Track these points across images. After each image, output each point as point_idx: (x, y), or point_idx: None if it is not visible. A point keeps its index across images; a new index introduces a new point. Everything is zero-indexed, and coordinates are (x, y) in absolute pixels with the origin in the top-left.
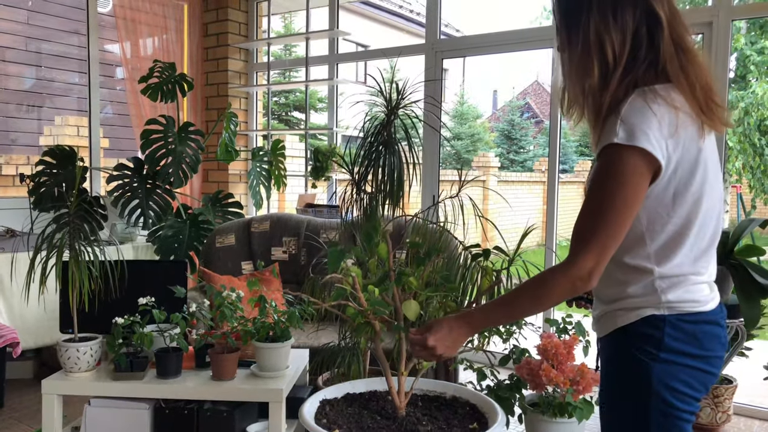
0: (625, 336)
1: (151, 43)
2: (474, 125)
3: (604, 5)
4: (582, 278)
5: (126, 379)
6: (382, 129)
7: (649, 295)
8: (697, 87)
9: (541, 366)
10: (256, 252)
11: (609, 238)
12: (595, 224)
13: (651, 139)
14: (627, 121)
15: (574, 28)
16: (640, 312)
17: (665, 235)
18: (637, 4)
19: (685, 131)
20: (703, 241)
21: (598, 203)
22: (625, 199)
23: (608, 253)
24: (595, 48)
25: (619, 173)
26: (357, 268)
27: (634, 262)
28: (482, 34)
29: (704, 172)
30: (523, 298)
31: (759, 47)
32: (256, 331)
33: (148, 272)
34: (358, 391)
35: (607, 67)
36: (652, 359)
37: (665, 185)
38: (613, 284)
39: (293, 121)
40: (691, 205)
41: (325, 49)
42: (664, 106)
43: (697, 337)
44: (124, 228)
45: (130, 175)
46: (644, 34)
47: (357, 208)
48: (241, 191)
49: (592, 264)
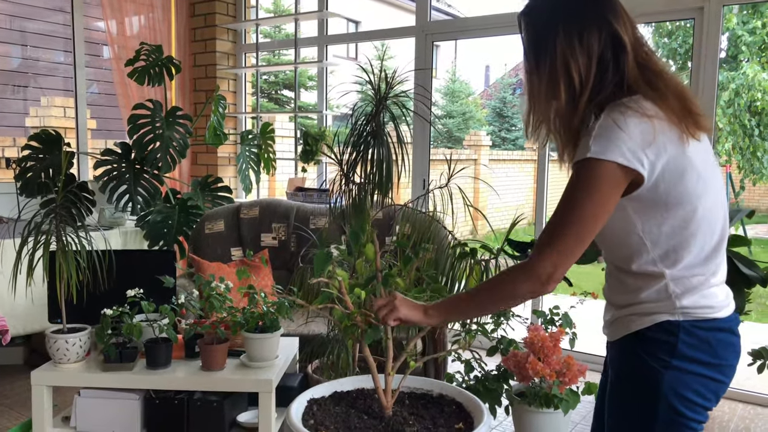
0: (638, 341)
1: (138, 21)
2: (466, 102)
3: (570, 30)
4: (540, 280)
5: (115, 370)
6: (370, 119)
7: (664, 301)
8: (669, 95)
9: (528, 359)
10: (245, 238)
11: (570, 246)
12: (559, 231)
13: (624, 151)
14: (599, 138)
15: (542, 52)
16: (654, 317)
17: (665, 237)
18: (602, 29)
19: (663, 135)
20: (712, 240)
21: (564, 212)
22: (592, 209)
23: (568, 259)
24: (562, 71)
25: (587, 185)
26: (344, 272)
27: (641, 268)
28: (475, 17)
29: (696, 172)
30: (482, 296)
31: (750, 27)
32: (246, 322)
33: (137, 262)
34: (345, 389)
35: (574, 90)
36: (663, 366)
37: (652, 188)
38: (626, 291)
39: (283, 100)
40: (687, 205)
41: (315, 26)
42: (635, 117)
43: (711, 344)
44: (113, 213)
45: (117, 159)
46: (610, 58)
47: (346, 198)
48: (230, 174)
49: (551, 268)
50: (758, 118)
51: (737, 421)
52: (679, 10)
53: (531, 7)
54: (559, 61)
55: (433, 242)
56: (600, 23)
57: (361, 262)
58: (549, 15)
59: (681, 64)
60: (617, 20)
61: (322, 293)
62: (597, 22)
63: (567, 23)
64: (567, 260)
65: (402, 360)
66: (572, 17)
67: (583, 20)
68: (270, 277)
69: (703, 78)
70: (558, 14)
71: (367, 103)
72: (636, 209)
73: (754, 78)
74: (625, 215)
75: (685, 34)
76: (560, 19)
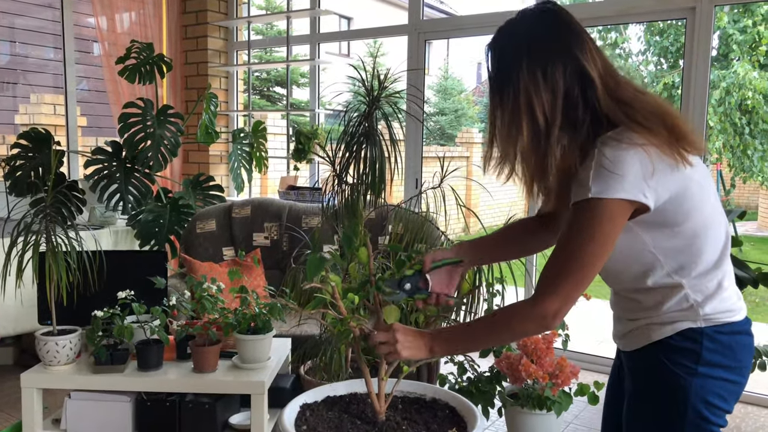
0: (661, 349)
1: (128, 18)
2: (458, 99)
3: (533, 65)
4: (545, 318)
5: (106, 372)
6: (363, 120)
7: (686, 310)
8: (653, 125)
9: (521, 360)
10: (237, 238)
11: (575, 285)
12: (564, 274)
13: (626, 186)
14: (598, 177)
15: (505, 86)
16: (676, 325)
17: (677, 250)
18: (567, 64)
19: (661, 162)
20: (719, 243)
21: (566, 254)
22: (595, 249)
23: (574, 298)
24: (525, 108)
25: (590, 225)
26: (337, 276)
27: (658, 282)
28: (468, 15)
29: (697, 183)
30: (486, 332)
31: (741, 26)
32: (238, 323)
33: (128, 262)
34: (338, 393)
35: (538, 128)
36: (689, 374)
37: (660, 212)
38: (643, 307)
39: (275, 97)
40: (694, 217)
41: (307, 24)
42: (629, 149)
43: (733, 348)
44: (104, 212)
45: (108, 158)
46: (578, 95)
47: (338, 199)
48: (222, 173)
49: (557, 307)
50: (748, 116)
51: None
52: (672, 10)
53: (496, 39)
54: (522, 98)
55: (426, 242)
56: (565, 58)
57: (354, 266)
58: (513, 49)
59: (672, 62)
60: (583, 54)
61: (315, 298)
62: (562, 56)
63: (531, 58)
64: (572, 300)
65: (396, 364)
66: (536, 51)
67: (547, 55)
68: (262, 277)
69: (695, 77)
70: (522, 48)
71: (360, 102)
72: (645, 229)
73: (745, 77)
74: (633, 235)
75: (677, 33)
76: (524, 53)
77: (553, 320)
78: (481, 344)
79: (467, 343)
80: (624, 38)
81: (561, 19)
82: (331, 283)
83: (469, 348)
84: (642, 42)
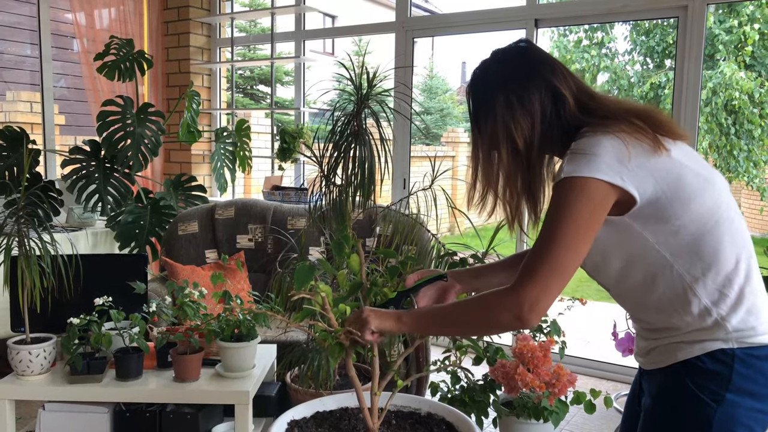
0: (686, 371)
1: (108, 14)
2: (443, 99)
3: (510, 95)
4: (521, 308)
5: (83, 382)
6: (351, 119)
7: (713, 328)
8: (626, 114)
9: (517, 369)
10: (220, 240)
11: (552, 270)
12: (541, 257)
13: (601, 167)
14: (572, 160)
15: (484, 120)
16: (705, 345)
17: (687, 250)
18: (541, 89)
19: (638, 145)
20: (736, 244)
21: (544, 239)
22: (570, 231)
23: (552, 287)
24: (503, 136)
25: (564, 205)
26: (327, 287)
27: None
28: (456, 13)
29: (693, 171)
30: (458, 314)
31: (727, 26)
32: (221, 330)
33: (106, 267)
34: (328, 408)
35: (518, 153)
36: (715, 401)
37: (653, 200)
38: (662, 322)
39: (258, 95)
40: (698, 208)
41: (292, 21)
42: (602, 135)
43: (766, 374)
44: (82, 213)
45: (86, 158)
46: (552, 113)
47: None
48: (204, 172)
49: (534, 295)
50: (734, 116)
51: None
52: (664, 9)
53: (473, 80)
54: (500, 125)
55: (416, 245)
56: (539, 84)
57: (343, 274)
58: (490, 84)
59: (658, 62)
60: (556, 77)
61: (303, 309)
62: (536, 83)
63: (507, 89)
64: (550, 289)
65: (389, 378)
66: (512, 84)
67: (523, 85)
68: (246, 281)
69: (686, 76)
70: (498, 83)
71: (347, 101)
72: (643, 224)
73: (731, 77)
74: (632, 233)
75: (663, 33)
76: (500, 87)
77: (530, 312)
78: (451, 327)
79: (437, 323)
80: (611, 38)
81: (534, 53)
82: (321, 293)
83: (439, 329)
84: (628, 42)
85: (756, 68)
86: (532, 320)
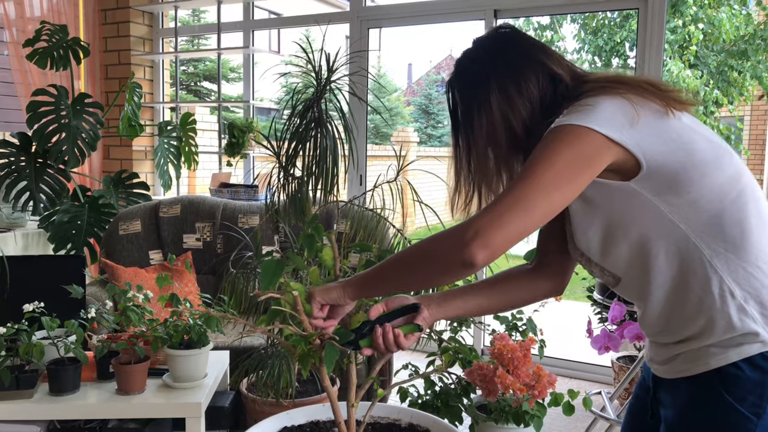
0: (720, 380)
1: (39, 2)
2: (391, 99)
3: (504, 83)
4: (464, 233)
5: (11, 399)
6: (312, 104)
7: (750, 326)
8: (625, 78)
9: (496, 372)
10: (165, 240)
11: (517, 206)
12: (508, 190)
13: (600, 119)
14: (569, 113)
15: (476, 116)
16: (744, 349)
17: (707, 224)
18: (538, 72)
19: (645, 106)
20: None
21: (520, 176)
22: (548, 177)
23: (511, 220)
24: (501, 126)
25: (550, 148)
26: (299, 284)
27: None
28: (413, 2)
29: (705, 137)
30: (403, 258)
31: (672, 26)
32: (169, 336)
33: (38, 269)
34: (297, 422)
35: (517, 138)
36: (755, 414)
37: (663, 164)
38: (688, 321)
39: (203, 92)
40: (715, 177)
41: (237, 15)
42: (606, 95)
43: None
44: (11, 213)
45: (15, 153)
46: (551, 97)
47: (284, 193)
48: (147, 170)
49: (486, 221)
50: None
51: None
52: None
53: (457, 72)
54: (498, 118)
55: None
56: (536, 68)
57: (315, 270)
58: (479, 74)
59: (606, 61)
60: (550, 59)
61: (270, 310)
62: (533, 68)
63: (500, 77)
64: (503, 226)
65: (366, 388)
66: (505, 70)
67: (517, 70)
68: (194, 283)
69: (647, 70)
70: (488, 71)
71: (307, 86)
72: (654, 191)
73: (679, 75)
74: (642, 201)
75: (611, 32)
76: (491, 75)
77: (475, 238)
78: (401, 272)
79: (386, 273)
80: (560, 36)
81: (521, 37)
82: (292, 292)
83: (386, 279)
84: (577, 40)
85: (699, 67)
86: (475, 249)
